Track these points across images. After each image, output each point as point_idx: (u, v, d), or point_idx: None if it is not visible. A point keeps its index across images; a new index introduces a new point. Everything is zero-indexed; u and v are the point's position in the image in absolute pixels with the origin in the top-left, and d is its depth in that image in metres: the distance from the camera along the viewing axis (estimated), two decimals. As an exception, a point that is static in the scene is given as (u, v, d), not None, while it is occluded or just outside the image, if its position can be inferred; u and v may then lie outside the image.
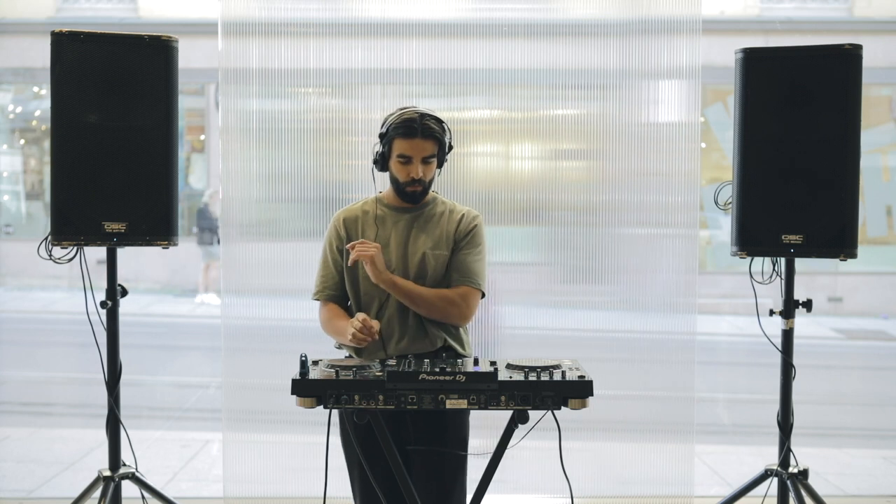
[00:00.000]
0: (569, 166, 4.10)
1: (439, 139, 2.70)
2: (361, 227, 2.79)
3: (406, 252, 2.75)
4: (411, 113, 2.69)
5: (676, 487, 4.06)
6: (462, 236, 2.78)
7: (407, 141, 2.67)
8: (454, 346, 2.76)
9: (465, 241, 2.78)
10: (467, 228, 2.79)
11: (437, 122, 2.71)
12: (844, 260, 3.07)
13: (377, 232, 2.77)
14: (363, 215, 2.81)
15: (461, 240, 2.77)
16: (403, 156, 2.68)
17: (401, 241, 2.76)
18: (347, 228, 2.80)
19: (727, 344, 9.56)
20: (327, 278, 2.83)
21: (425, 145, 2.68)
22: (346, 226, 2.80)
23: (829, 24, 11.66)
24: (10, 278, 12.52)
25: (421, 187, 2.73)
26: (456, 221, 2.79)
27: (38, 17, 11.65)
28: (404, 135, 2.66)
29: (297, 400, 2.34)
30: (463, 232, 2.78)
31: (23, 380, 7.33)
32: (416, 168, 2.68)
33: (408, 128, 2.66)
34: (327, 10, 3.99)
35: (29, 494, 4.42)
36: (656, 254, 4.05)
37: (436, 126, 2.69)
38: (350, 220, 2.81)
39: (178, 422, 6.23)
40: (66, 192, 3.00)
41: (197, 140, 13.28)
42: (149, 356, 8.37)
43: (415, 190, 2.72)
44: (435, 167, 2.75)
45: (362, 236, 2.77)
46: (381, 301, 2.72)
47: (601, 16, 3.97)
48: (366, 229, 2.78)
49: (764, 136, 3.13)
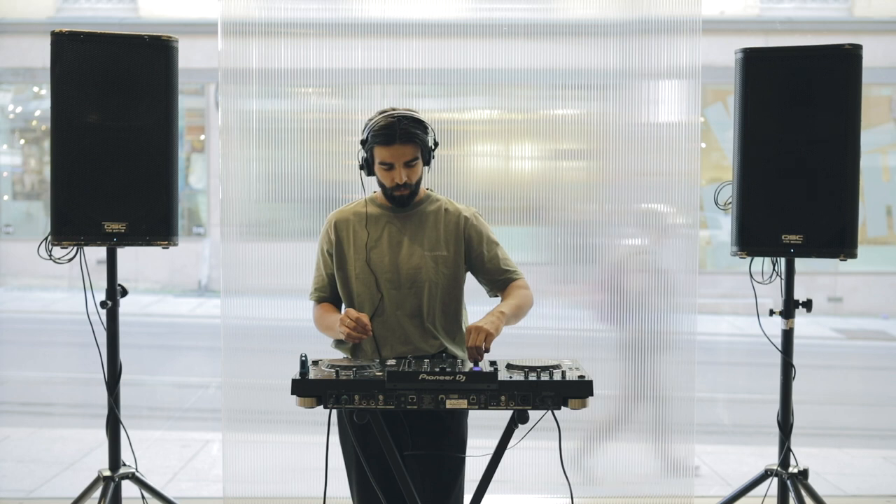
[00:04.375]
0: (569, 166, 4.10)
1: (420, 140, 2.66)
2: (353, 230, 2.78)
3: (399, 254, 2.73)
4: (388, 119, 2.63)
5: (676, 487, 4.06)
6: (476, 243, 2.77)
7: (386, 148, 2.63)
8: (455, 351, 2.75)
9: (482, 244, 2.77)
10: (477, 230, 2.78)
11: (415, 124, 2.65)
12: (844, 260, 3.07)
13: (368, 234, 2.76)
14: (354, 217, 2.80)
15: (479, 244, 2.77)
16: (385, 163, 2.66)
17: (393, 241, 2.75)
18: (338, 231, 2.79)
19: (727, 344, 9.56)
20: (319, 280, 2.83)
21: (405, 150, 2.64)
22: (338, 228, 2.79)
23: (829, 24, 11.66)
24: (10, 278, 12.52)
25: (408, 191, 2.71)
26: (454, 223, 2.77)
27: (38, 17, 11.64)
28: (383, 142, 2.63)
29: (297, 400, 2.35)
30: (475, 238, 2.77)
31: (23, 380, 7.33)
32: (398, 173, 2.66)
33: (385, 135, 2.62)
34: (327, 10, 3.99)
35: (29, 494, 4.42)
36: (656, 254, 4.05)
37: (414, 128, 2.64)
38: (341, 222, 2.80)
39: (178, 422, 6.24)
40: (66, 192, 3.00)
41: (197, 140, 13.27)
42: (149, 356, 8.37)
43: (402, 194, 2.71)
44: (420, 168, 2.72)
45: (353, 239, 2.76)
46: (375, 303, 2.71)
47: (601, 16, 3.97)
48: (357, 231, 2.77)
49: (764, 136, 3.13)
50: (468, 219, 2.79)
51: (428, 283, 2.71)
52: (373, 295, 2.71)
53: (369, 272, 2.71)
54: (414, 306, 2.71)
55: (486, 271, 2.79)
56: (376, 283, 2.71)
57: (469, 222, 2.79)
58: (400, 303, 2.71)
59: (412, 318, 2.71)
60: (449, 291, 2.75)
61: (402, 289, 2.71)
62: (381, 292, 2.70)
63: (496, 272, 2.80)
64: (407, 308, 2.71)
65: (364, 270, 2.72)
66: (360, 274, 2.72)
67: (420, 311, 2.71)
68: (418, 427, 2.67)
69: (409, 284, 2.71)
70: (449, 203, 2.84)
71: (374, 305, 2.70)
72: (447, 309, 2.75)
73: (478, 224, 2.80)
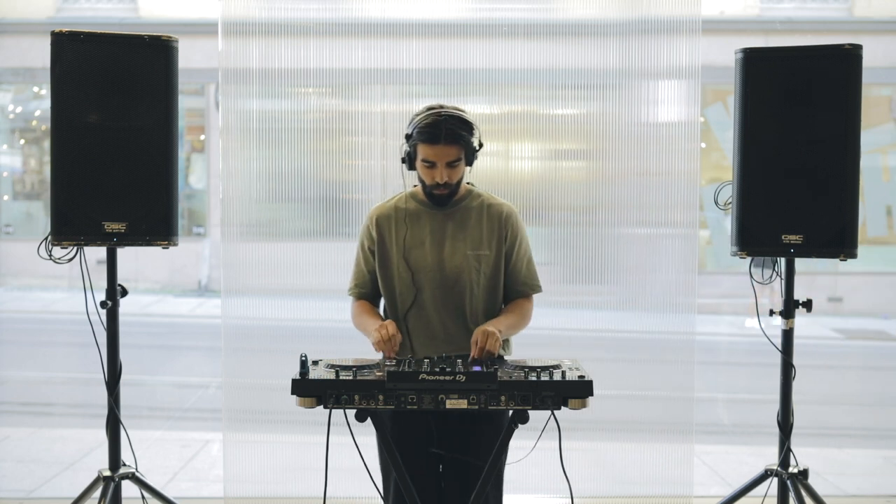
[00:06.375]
0: (569, 166, 4.11)
1: (465, 142, 2.65)
2: (395, 226, 2.76)
3: (442, 252, 2.72)
4: (434, 116, 2.62)
5: (676, 487, 4.06)
6: (510, 244, 2.76)
7: (430, 147, 2.62)
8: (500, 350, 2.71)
9: (513, 246, 2.76)
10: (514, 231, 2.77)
11: (461, 125, 2.64)
12: (844, 260, 3.07)
13: (408, 230, 2.74)
14: (396, 213, 2.78)
15: (511, 246, 2.76)
16: (427, 161, 2.64)
17: (436, 239, 2.73)
18: (380, 227, 2.77)
19: (727, 344, 9.56)
20: (360, 276, 2.82)
21: (449, 150, 2.62)
22: (379, 224, 2.78)
23: (829, 24, 11.66)
24: (10, 278, 12.52)
25: (447, 191, 2.69)
26: (496, 220, 2.75)
27: (38, 17, 11.65)
28: (427, 140, 2.61)
29: (297, 400, 2.34)
30: (510, 238, 2.76)
31: (23, 380, 7.33)
32: (440, 172, 2.64)
33: (430, 134, 2.60)
34: (327, 10, 3.99)
35: (29, 494, 4.42)
36: (656, 254, 4.05)
37: (460, 129, 2.63)
38: (383, 218, 2.79)
39: (178, 422, 6.24)
40: (66, 192, 3.00)
41: (197, 140, 13.28)
42: (149, 356, 8.37)
43: (441, 193, 2.69)
44: (462, 169, 2.70)
45: (395, 235, 2.74)
46: (412, 300, 2.71)
47: (601, 16, 3.97)
48: (399, 228, 2.75)
49: (764, 136, 3.13)
50: (509, 216, 2.77)
51: (470, 283, 2.70)
52: (414, 294, 2.70)
53: (412, 270, 2.71)
54: (458, 306, 2.71)
55: (506, 275, 2.78)
56: (418, 281, 2.70)
57: (510, 220, 2.77)
58: (444, 302, 2.70)
59: (456, 318, 2.70)
60: (490, 291, 2.74)
61: (446, 288, 2.70)
62: (423, 291, 2.70)
63: (513, 282, 2.78)
64: (451, 308, 2.70)
65: (407, 269, 2.71)
66: (403, 273, 2.72)
67: (463, 312, 2.71)
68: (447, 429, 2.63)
69: (452, 283, 2.70)
70: (491, 198, 2.81)
71: (413, 302, 2.70)
72: (489, 309, 2.74)
73: (516, 224, 2.78)
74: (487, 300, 2.74)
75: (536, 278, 2.84)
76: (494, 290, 2.75)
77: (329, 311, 4.01)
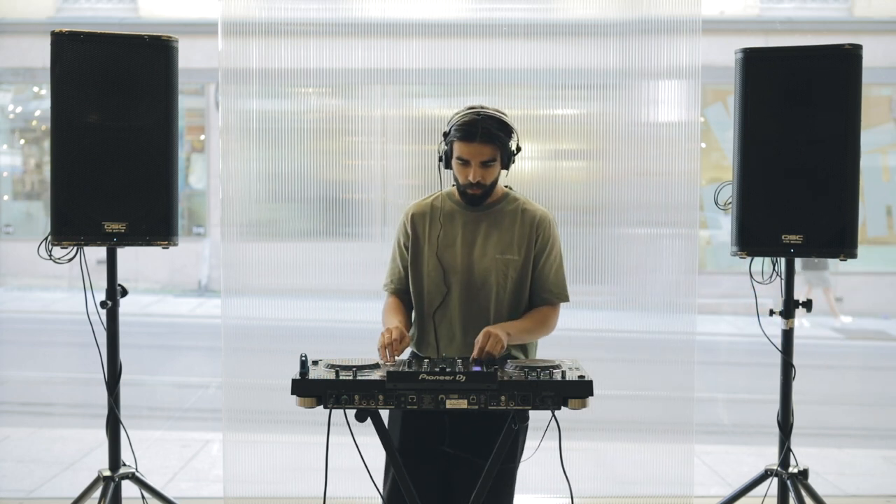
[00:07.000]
0: (569, 166, 4.10)
1: (501, 143, 2.64)
2: (429, 225, 2.76)
3: (472, 253, 2.71)
4: (472, 115, 2.62)
5: (676, 487, 4.06)
6: (539, 249, 2.74)
7: (465, 145, 2.61)
8: (517, 353, 2.73)
9: (542, 253, 2.74)
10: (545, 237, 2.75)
11: (499, 126, 2.63)
12: (844, 260, 3.07)
13: (441, 229, 2.74)
14: (432, 211, 2.78)
15: (540, 253, 2.74)
16: (462, 159, 2.64)
17: (467, 240, 2.73)
18: (415, 224, 2.78)
19: (727, 344, 9.56)
20: (394, 272, 2.83)
21: (484, 150, 2.61)
22: (414, 221, 2.78)
23: (829, 24, 11.67)
24: (10, 278, 12.53)
25: (480, 191, 2.68)
26: (528, 226, 2.74)
27: (38, 17, 11.65)
28: (463, 138, 2.61)
29: (297, 400, 2.34)
30: (540, 244, 2.74)
31: (23, 380, 7.33)
32: (474, 172, 2.63)
33: (466, 132, 2.60)
34: (327, 10, 3.99)
35: (29, 494, 4.42)
36: (656, 254, 4.05)
37: (497, 130, 2.62)
38: (418, 215, 2.79)
39: (178, 422, 6.24)
40: (66, 192, 3.00)
41: (197, 140, 13.28)
42: (149, 356, 8.37)
43: (474, 193, 2.69)
44: (497, 170, 2.69)
45: (429, 233, 2.75)
46: (441, 300, 2.70)
47: (601, 16, 3.97)
48: (433, 226, 2.75)
49: (764, 136, 3.13)
50: (542, 221, 2.76)
51: (496, 286, 2.69)
52: (444, 293, 2.70)
53: (442, 270, 2.71)
54: (482, 308, 2.70)
55: (532, 279, 2.76)
56: (449, 281, 2.70)
57: (542, 225, 2.75)
58: (469, 304, 2.70)
59: (479, 320, 2.68)
60: (516, 295, 2.73)
61: (472, 290, 2.70)
62: (452, 291, 2.70)
63: (539, 288, 2.76)
64: (475, 310, 2.70)
65: (437, 268, 2.71)
66: (434, 272, 2.72)
67: (487, 314, 2.70)
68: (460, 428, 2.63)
69: (479, 286, 2.69)
70: (527, 203, 2.81)
71: (442, 300, 2.70)
72: (513, 315, 2.73)
73: (549, 231, 2.76)
74: (512, 305, 2.72)
75: (564, 288, 2.79)
76: (520, 294, 2.74)
77: (329, 311, 4.02)
